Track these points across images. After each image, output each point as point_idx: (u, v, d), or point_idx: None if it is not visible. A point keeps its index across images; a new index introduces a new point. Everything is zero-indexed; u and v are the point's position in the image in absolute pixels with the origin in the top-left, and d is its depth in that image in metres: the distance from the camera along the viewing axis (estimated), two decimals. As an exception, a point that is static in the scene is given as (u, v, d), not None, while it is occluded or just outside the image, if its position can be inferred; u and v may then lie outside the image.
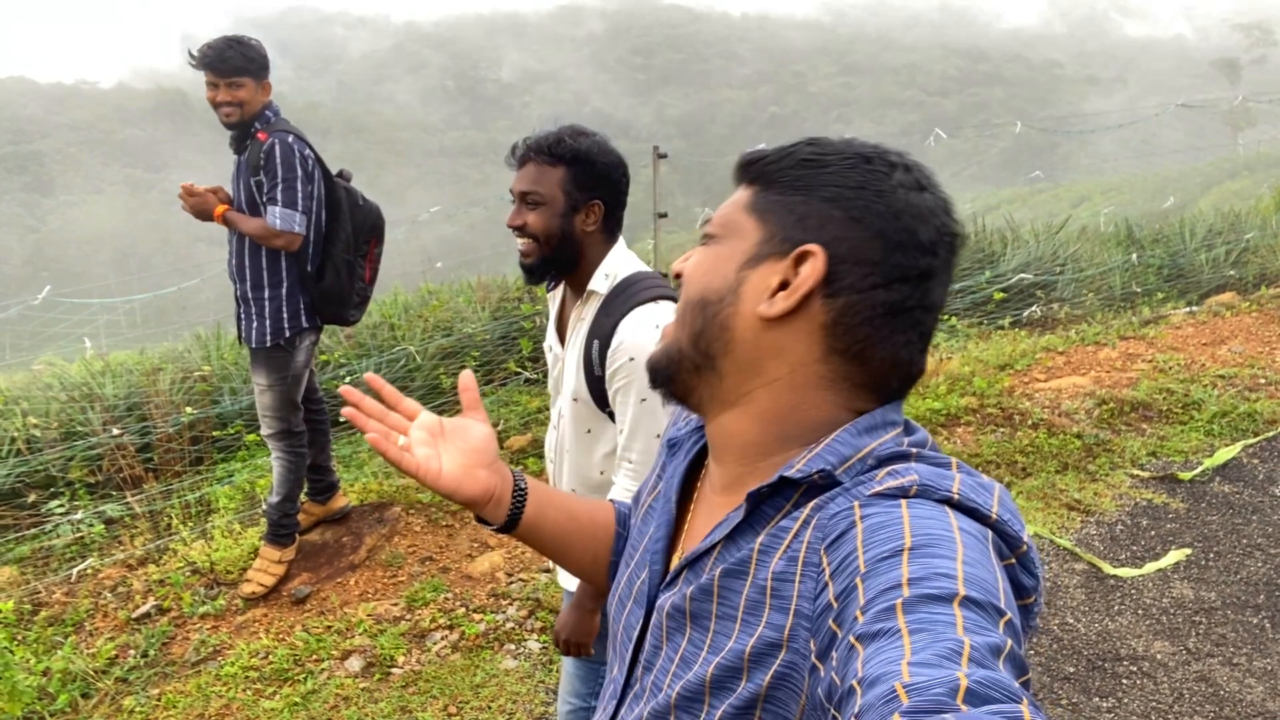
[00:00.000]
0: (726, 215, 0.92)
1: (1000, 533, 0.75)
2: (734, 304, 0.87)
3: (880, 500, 0.77)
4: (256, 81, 3.40)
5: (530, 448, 4.85)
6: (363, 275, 3.71)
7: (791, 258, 0.85)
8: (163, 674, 3.33)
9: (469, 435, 1.08)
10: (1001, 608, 0.66)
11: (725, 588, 0.85)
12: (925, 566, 0.67)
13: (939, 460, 0.83)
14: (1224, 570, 3.73)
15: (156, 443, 4.62)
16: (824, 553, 0.77)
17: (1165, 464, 4.56)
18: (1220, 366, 5.60)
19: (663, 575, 0.97)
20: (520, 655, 3.37)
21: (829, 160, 0.87)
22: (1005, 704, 0.55)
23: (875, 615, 0.66)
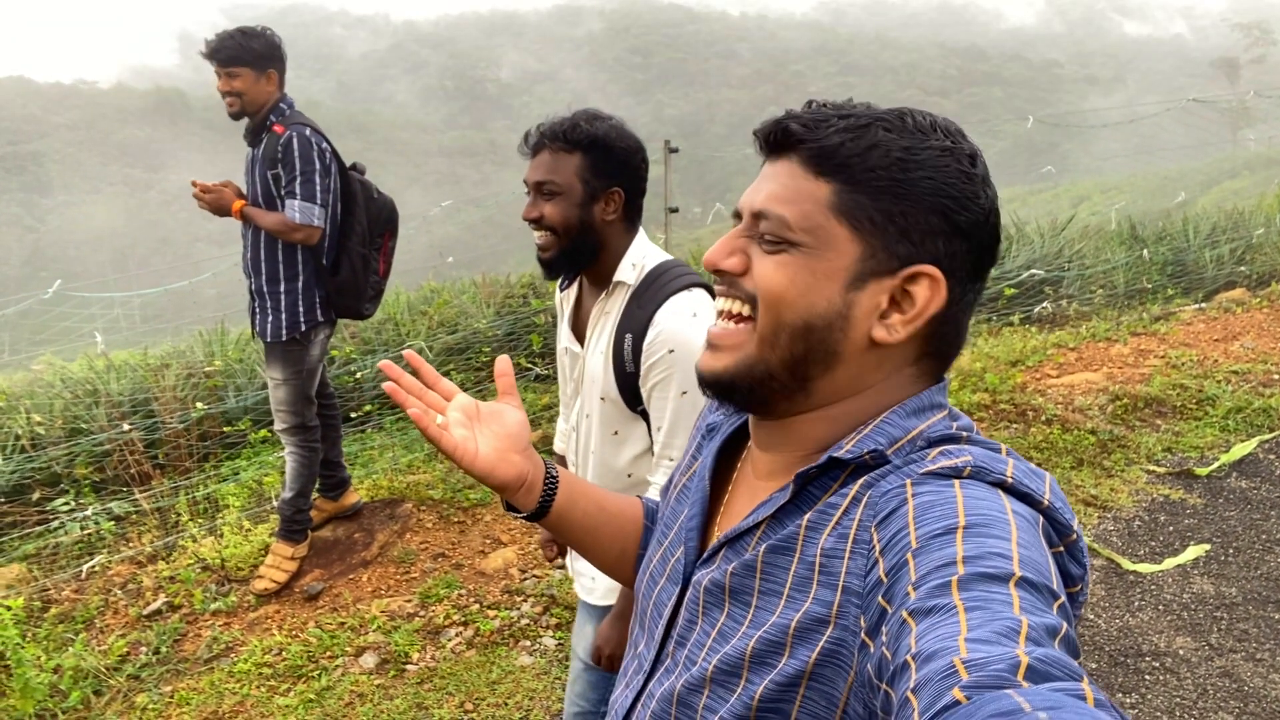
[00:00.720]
0: (809, 218, 0.83)
1: (1051, 519, 0.74)
2: (844, 329, 0.83)
3: (933, 479, 0.76)
4: (256, 72, 3.36)
5: (540, 444, 4.81)
6: (377, 268, 3.68)
7: (902, 277, 0.82)
8: (175, 671, 3.30)
9: (504, 420, 1.06)
10: (1055, 590, 0.65)
11: (770, 564, 0.84)
12: (980, 545, 0.67)
13: (990, 445, 0.82)
14: (1244, 566, 3.70)
15: (165, 439, 4.59)
16: (874, 530, 0.76)
17: (1181, 460, 4.54)
18: (1233, 362, 5.57)
19: (699, 552, 0.96)
20: (536, 651, 3.34)
21: (920, 157, 0.81)
22: (1067, 682, 0.55)
23: (929, 591, 0.65)
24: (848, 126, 0.83)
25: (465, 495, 4.26)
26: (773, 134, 0.86)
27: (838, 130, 0.83)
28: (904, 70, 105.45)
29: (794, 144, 0.85)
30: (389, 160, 68.46)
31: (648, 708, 0.93)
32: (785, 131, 0.85)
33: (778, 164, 0.86)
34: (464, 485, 4.34)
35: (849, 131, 0.82)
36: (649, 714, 0.93)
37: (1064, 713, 0.50)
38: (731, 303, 0.88)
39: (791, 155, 0.85)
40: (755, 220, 0.86)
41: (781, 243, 0.84)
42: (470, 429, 1.04)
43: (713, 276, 0.90)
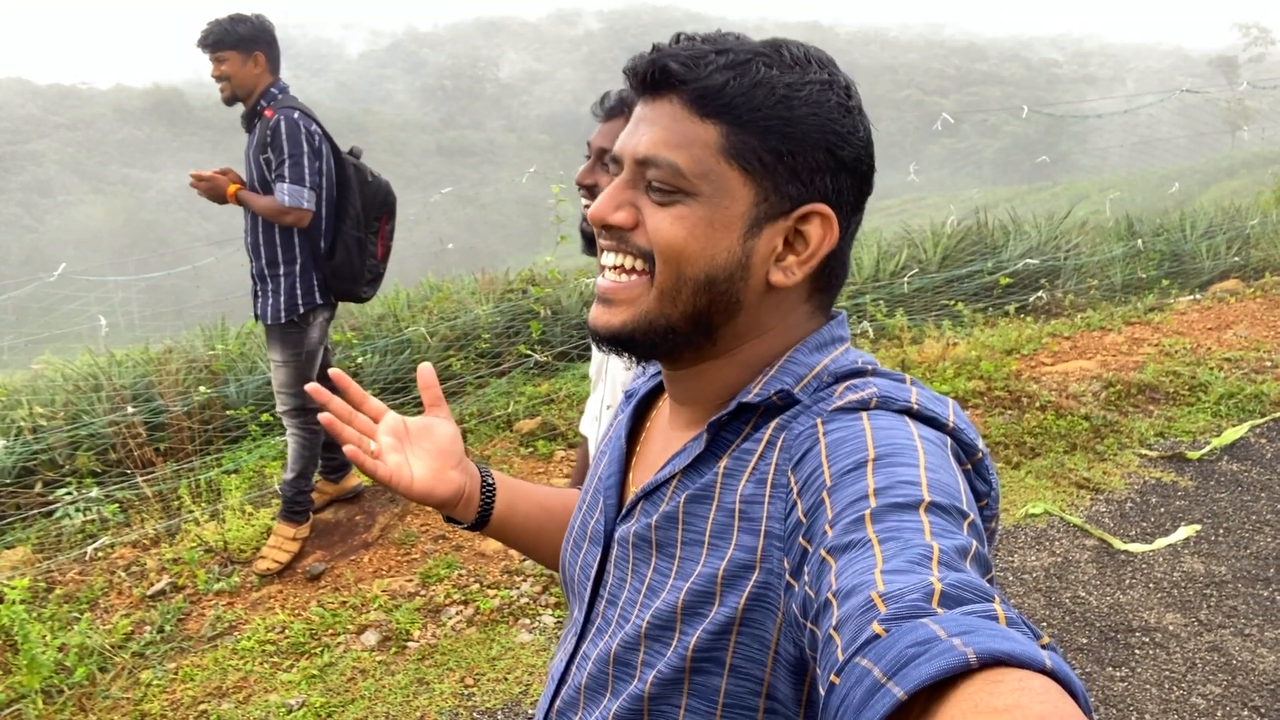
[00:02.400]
0: (701, 163, 0.79)
1: (957, 440, 0.76)
2: (744, 278, 0.82)
3: (842, 415, 0.77)
4: (242, 55, 3.41)
5: (540, 430, 4.86)
6: (374, 252, 3.72)
7: (794, 218, 0.82)
8: (179, 649, 3.34)
9: (435, 436, 1.05)
10: (964, 509, 0.67)
11: (690, 513, 0.83)
12: (890, 476, 0.68)
13: (894, 375, 0.83)
14: (1234, 545, 3.75)
15: (168, 422, 4.63)
16: (791, 472, 0.77)
17: (1173, 444, 4.58)
18: (1226, 350, 5.62)
19: (618, 509, 0.95)
20: (535, 629, 3.38)
21: (803, 93, 0.79)
22: (979, 603, 0.56)
23: (844, 527, 0.66)
24: (729, 63, 0.79)
25: (465, 479, 4.30)
26: (649, 73, 0.82)
27: (719, 68, 0.79)
28: (902, 70, 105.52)
29: (674, 84, 0.81)
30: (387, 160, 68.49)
31: (583, 669, 0.92)
32: (664, 70, 0.81)
33: (657, 105, 0.82)
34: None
35: (731, 69, 0.79)
36: (585, 675, 0.91)
37: (977, 636, 0.51)
38: (622, 258, 0.85)
39: (671, 96, 0.81)
40: (641, 168, 0.82)
41: (675, 192, 0.80)
42: (402, 451, 1.03)
43: (601, 231, 0.86)
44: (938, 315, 6.63)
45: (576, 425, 4.92)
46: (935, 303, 6.79)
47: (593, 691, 0.90)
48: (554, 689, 0.98)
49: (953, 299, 6.78)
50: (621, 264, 0.85)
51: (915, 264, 7.14)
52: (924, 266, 7.16)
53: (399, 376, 5.65)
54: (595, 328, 0.88)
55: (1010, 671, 0.49)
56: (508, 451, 4.67)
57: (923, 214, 13.06)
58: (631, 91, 0.85)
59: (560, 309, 6.30)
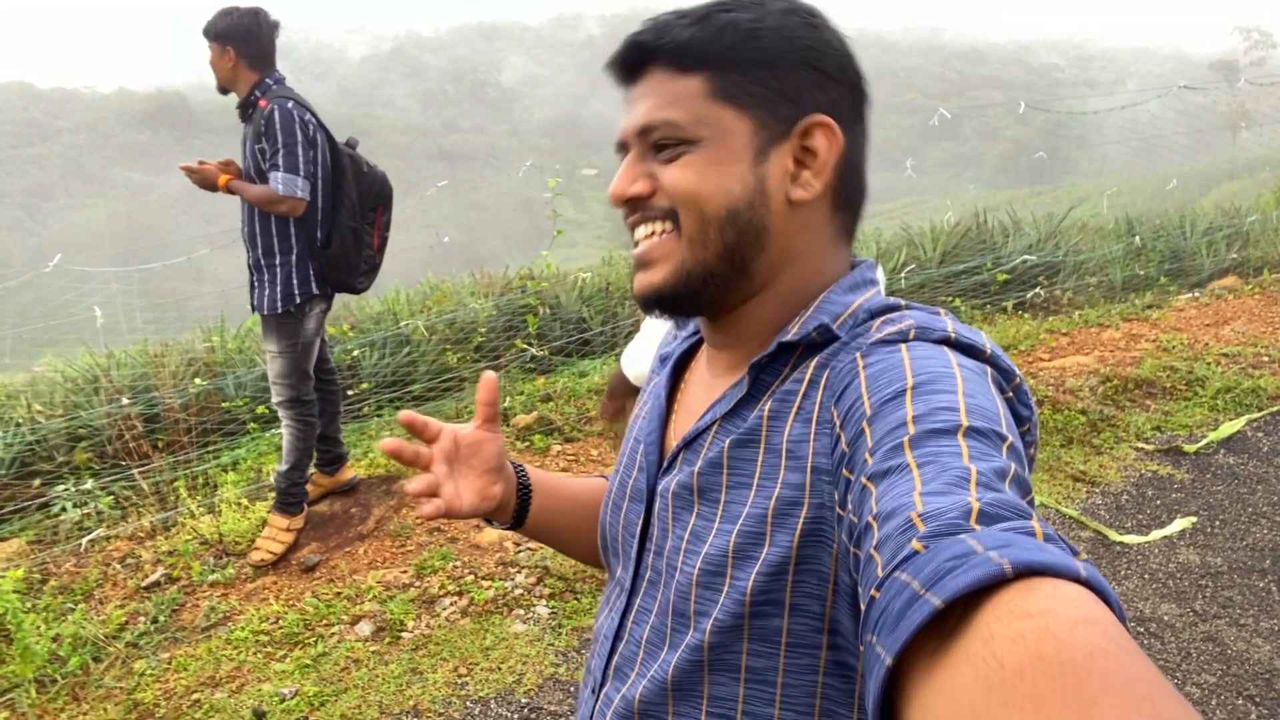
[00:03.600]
0: (695, 111, 0.84)
1: (996, 366, 0.76)
2: (765, 203, 0.85)
3: (881, 347, 0.78)
4: (218, 46, 3.44)
5: (536, 424, 4.86)
6: (370, 243, 3.72)
7: (797, 134, 0.85)
8: (173, 639, 3.34)
9: (483, 453, 1.06)
10: (1003, 433, 0.67)
11: (736, 458, 0.84)
12: (928, 403, 0.69)
13: (928, 309, 0.84)
14: (1230, 537, 3.74)
15: (164, 414, 4.63)
16: (834, 407, 0.78)
17: (1170, 438, 4.58)
18: (1223, 345, 5.62)
19: (659, 463, 0.96)
20: (529, 620, 3.38)
21: (768, 23, 0.84)
22: (1016, 520, 0.57)
23: (884, 454, 0.67)
24: (692, 19, 0.85)
25: (461, 472, 4.30)
26: (628, 56, 0.87)
27: (685, 26, 0.84)
28: (903, 74, 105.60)
29: (650, 56, 0.86)
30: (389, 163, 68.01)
31: (642, 624, 0.93)
32: (639, 46, 0.86)
33: (642, 82, 0.87)
34: (460, 463, 4.38)
35: (696, 24, 0.84)
36: (646, 629, 0.92)
37: (1013, 549, 0.52)
38: (650, 225, 0.88)
39: (651, 68, 0.86)
40: (643, 137, 0.87)
41: (678, 144, 0.84)
42: (452, 477, 1.04)
43: (624, 210, 0.89)
44: (937, 305, 6.61)
45: (573, 421, 4.92)
46: (934, 299, 6.78)
47: (652, 645, 0.91)
48: (609, 647, 0.98)
49: (951, 296, 6.78)
50: (651, 230, 0.88)
51: (914, 261, 7.14)
52: (922, 264, 7.16)
53: (396, 371, 5.66)
54: (641, 292, 0.90)
55: (1045, 580, 0.50)
56: (505, 445, 4.67)
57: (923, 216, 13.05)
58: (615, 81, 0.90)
59: (558, 305, 6.30)
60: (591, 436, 4.77)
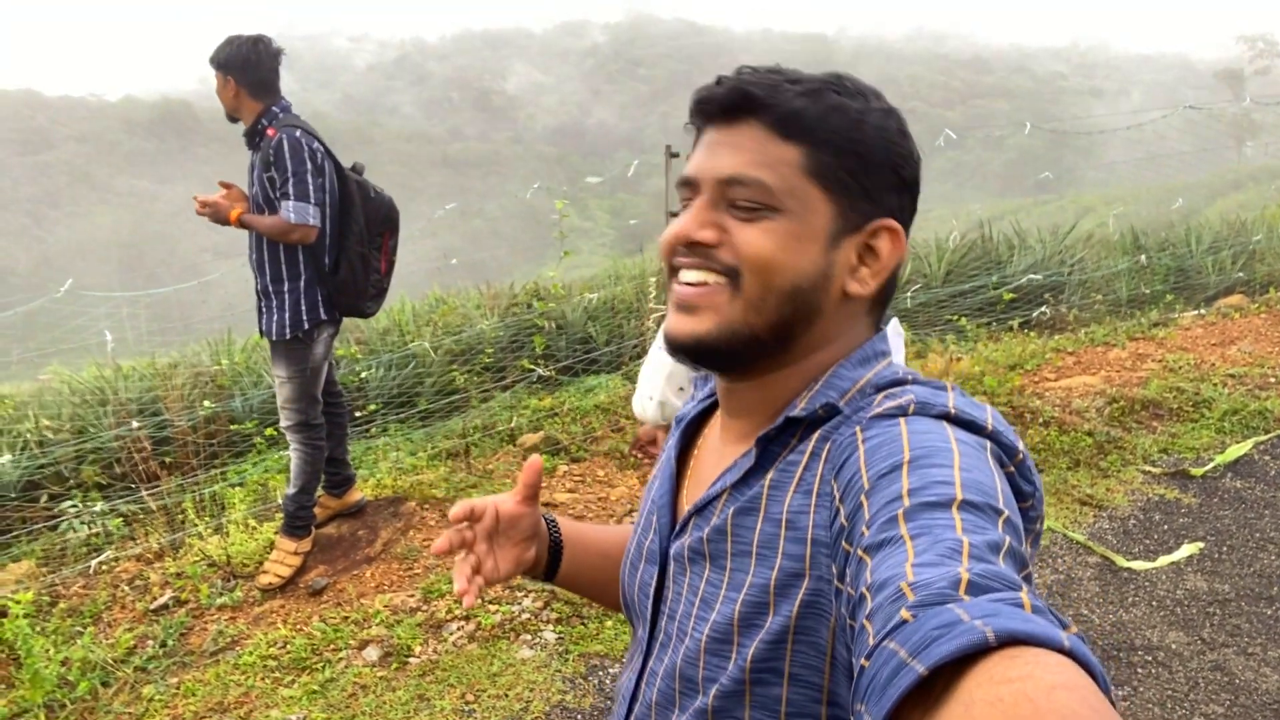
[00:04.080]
0: (787, 181, 0.85)
1: (998, 442, 0.77)
2: (825, 288, 0.87)
3: (880, 421, 0.80)
4: (221, 75, 3.47)
5: (543, 444, 4.87)
6: (378, 267, 3.74)
7: (868, 231, 0.87)
8: (181, 663, 3.35)
9: (521, 525, 1.08)
10: (999, 507, 0.68)
11: (739, 525, 0.86)
12: (923, 477, 0.70)
13: (933, 383, 0.86)
14: (1237, 564, 3.74)
15: (173, 437, 4.65)
16: (833, 480, 0.79)
17: (1177, 460, 4.58)
18: (1230, 366, 5.61)
19: (671, 527, 0.98)
20: (536, 645, 3.39)
21: (871, 119, 0.86)
22: (1005, 591, 0.58)
23: (880, 527, 0.68)
24: (805, 90, 0.85)
25: (468, 494, 4.31)
26: (730, 101, 0.87)
27: (797, 94, 0.85)
28: (907, 82, 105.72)
29: (754, 109, 0.86)
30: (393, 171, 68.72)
31: (652, 686, 0.95)
32: (746, 96, 0.86)
33: (736, 130, 0.87)
34: (466, 485, 4.39)
35: (808, 96, 0.85)
36: (655, 692, 0.94)
37: (998, 618, 0.53)
38: (705, 274, 0.88)
39: (752, 120, 0.86)
40: (725, 187, 0.86)
41: (763, 208, 0.85)
42: (492, 553, 1.06)
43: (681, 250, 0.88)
44: (941, 330, 6.63)
45: (579, 440, 4.93)
46: (939, 317, 6.79)
47: (662, 708, 0.93)
48: (626, 708, 1.01)
49: (956, 314, 6.78)
50: (704, 280, 0.88)
51: (920, 278, 7.14)
52: (928, 281, 7.16)
53: (403, 390, 5.67)
54: (677, 335, 0.90)
55: (1028, 649, 0.51)
56: (511, 466, 4.68)
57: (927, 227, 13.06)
58: (699, 116, 0.91)
59: (565, 322, 6.32)
60: (598, 456, 4.78)
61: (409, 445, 5.02)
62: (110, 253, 59.50)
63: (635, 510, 4.24)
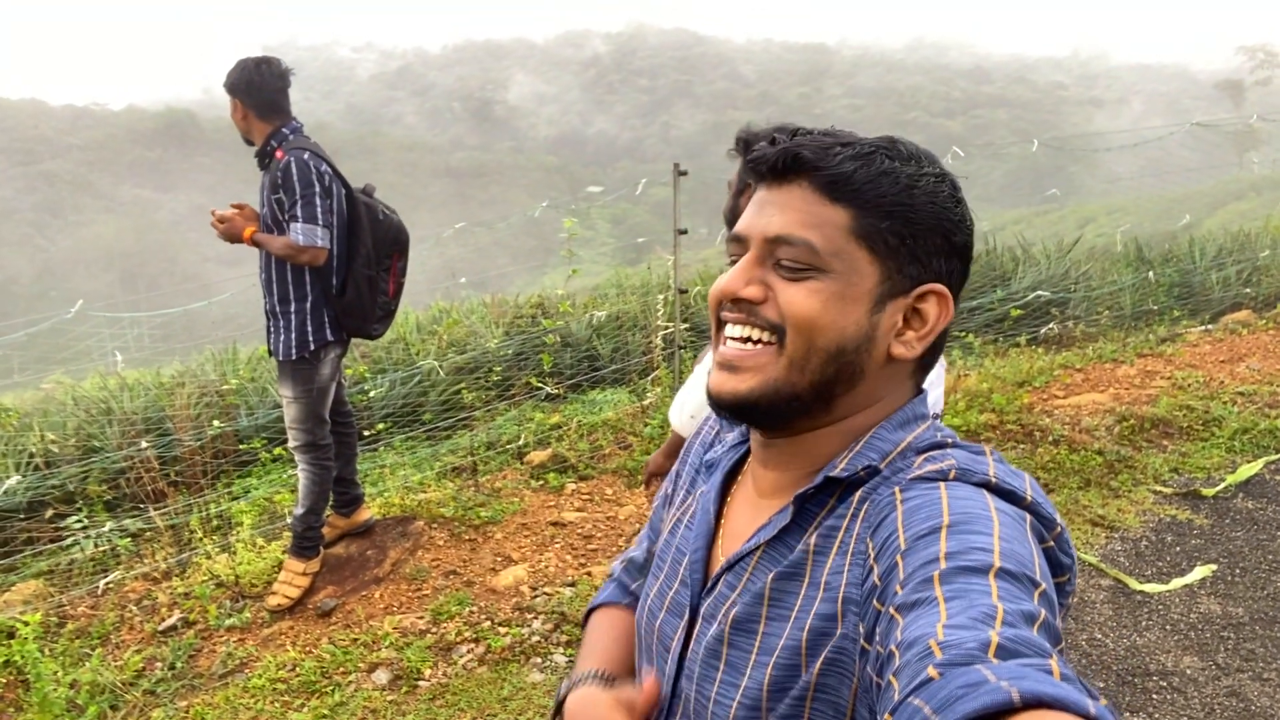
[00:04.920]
0: (833, 242, 0.85)
1: (1037, 514, 0.78)
2: (869, 350, 0.87)
3: (920, 484, 0.80)
4: (232, 99, 3.48)
5: (551, 462, 4.85)
6: (385, 289, 3.74)
7: (914, 296, 0.88)
8: (190, 686, 3.33)
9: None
10: (1036, 579, 0.69)
11: (779, 590, 0.86)
12: (962, 542, 0.70)
13: (973, 448, 0.86)
14: (1250, 586, 3.72)
15: (181, 456, 4.64)
16: (869, 539, 0.80)
17: (1188, 480, 4.56)
18: (1239, 383, 5.60)
19: (703, 584, 0.97)
20: (546, 668, 3.37)
21: (922, 184, 0.87)
22: (1034, 657, 0.58)
23: (914, 587, 0.69)
24: (856, 154, 0.86)
25: (476, 513, 4.30)
26: (780, 161, 0.87)
27: (847, 158, 0.86)
28: (908, 93, 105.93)
29: (804, 170, 0.87)
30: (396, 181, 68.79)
31: None
32: (796, 159, 0.86)
33: (786, 190, 0.88)
34: (474, 504, 4.38)
35: (858, 159, 0.86)
36: None
37: (1025, 681, 0.54)
38: (749, 330, 0.89)
39: (802, 181, 0.87)
40: (772, 246, 0.87)
41: (809, 269, 0.85)
42: None
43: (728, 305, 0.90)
44: (948, 346, 6.62)
45: (586, 458, 4.92)
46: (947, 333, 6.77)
47: None
48: None
49: (963, 330, 6.77)
50: (748, 335, 0.89)
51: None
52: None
53: (407, 405, 5.66)
54: (720, 394, 0.90)
55: (1052, 713, 0.52)
56: (518, 484, 4.67)
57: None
58: (750, 173, 0.92)
59: (570, 337, 6.31)
60: (606, 474, 4.77)
61: (414, 460, 5.01)
62: (113, 262, 59.59)
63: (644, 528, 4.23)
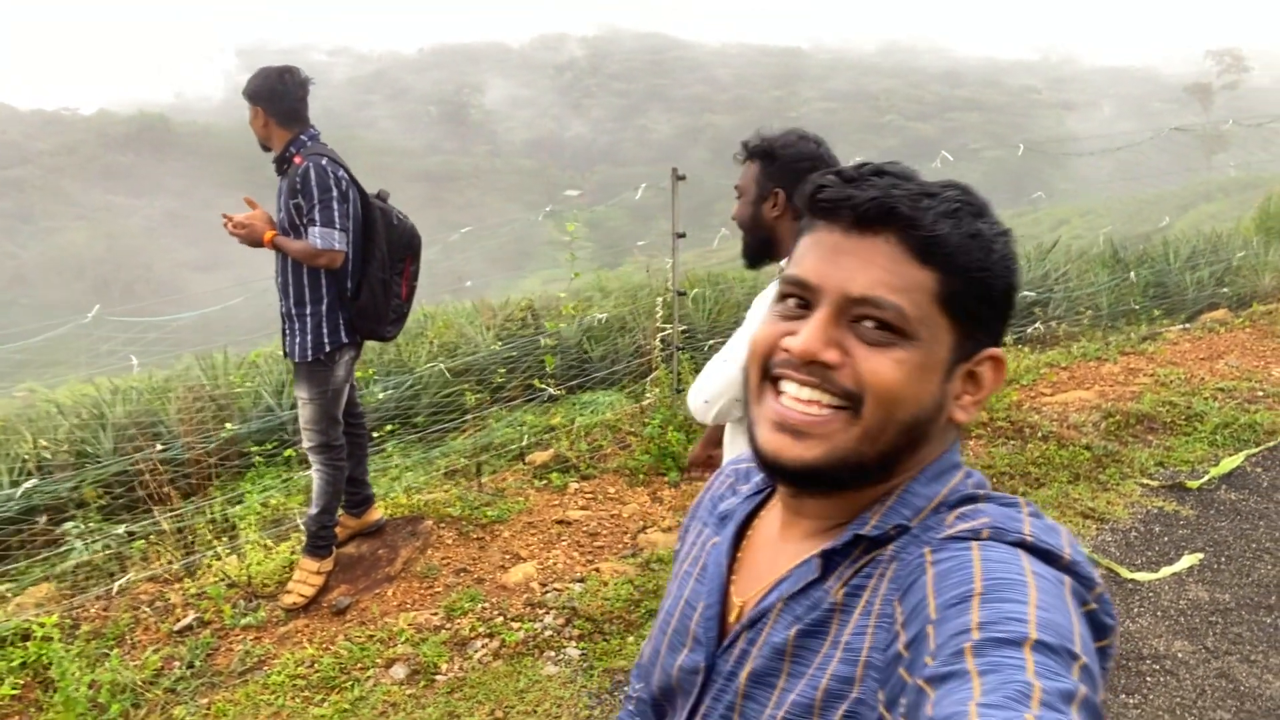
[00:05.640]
0: (920, 308, 0.81)
1: (1076, 574, 0.74)
2: (937, 417, 0.85)
3: (951, 544, 0.77)
4: (252, 107, 3.56)
5: (553, 462, 4.93)
6: (398, 292, 3.81)
7: (974, 361, 0.86)
8: (210, 684, 3.39)
9: None
10: (1076, 652, 0.65)
11: (802, 648, 0.84)
12: (996, 611, 0.67)
13: (1006, 500, 0.83)
14: (1236, 573, 3.86)
15: (188, 460, 4.67)
16: (897, 603, 0.77)
17: (1173, 473, 4.71)
18: (1219, 380, 5.78)
19: (719, 640, 0.94)
20: (561, 661, 3.45)
21: (997, 244, 0.83)
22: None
23: (945, 659, 0.66)
24: (946, 211, 0.81)
25: (483, 512, 4.37)
26: (872, 210, 0.82)
27: (940, 215, 0.81)
28: (882, 96, 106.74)
29: (894, 224, 0.82)
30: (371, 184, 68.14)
31: None
32: (891, 212, 0.81)
33: (869, 242, 0.82)
34: (481, 503, 4.45)
35: (949, 217, 0.81)
36: None
37: None
38: (819, 394, 0.83)
39: (890, 235, 0.82)
40: (853, 305, 0.82)
41: (894, 335, 0.81)
42: None
43: (793, 363, 0.84)
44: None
45: (587, 458, 5.00)
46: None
47: None
48: None
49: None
50: (815, 399, 0.83)
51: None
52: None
53: (400, 406, 5.71)
54: (781, 460, 0.84)
55: None
56: (522, 484, 4.74)
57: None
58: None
59: (562, 341, 6.38)
60: (608, 473, 4.85)
61: (414, 462, 5.07)
62: (85, 270, 58.90)
63: (648, 527, 4.32)
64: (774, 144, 2.10)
